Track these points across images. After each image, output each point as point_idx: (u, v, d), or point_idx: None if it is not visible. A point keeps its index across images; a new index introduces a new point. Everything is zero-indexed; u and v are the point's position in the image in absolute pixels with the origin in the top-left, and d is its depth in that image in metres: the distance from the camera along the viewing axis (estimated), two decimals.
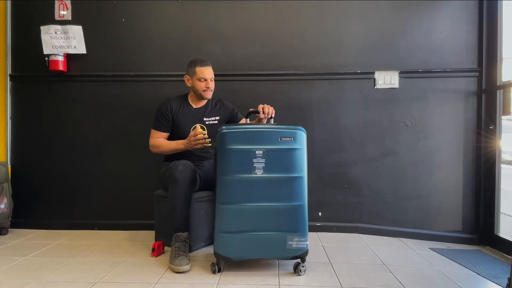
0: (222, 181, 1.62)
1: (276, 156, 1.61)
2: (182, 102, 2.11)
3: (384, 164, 2.36)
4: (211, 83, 2.04)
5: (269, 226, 1.63)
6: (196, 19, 2.43)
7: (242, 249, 1.63)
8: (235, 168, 1.60)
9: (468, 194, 2.27)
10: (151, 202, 2.17)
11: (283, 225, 1.63)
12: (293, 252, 1.64)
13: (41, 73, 2.46)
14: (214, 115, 2.14)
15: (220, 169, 1.62)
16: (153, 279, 1.60)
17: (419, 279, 1.62)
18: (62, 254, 1.94)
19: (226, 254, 1.62)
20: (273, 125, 1.70)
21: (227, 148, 1.59)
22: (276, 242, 1.63)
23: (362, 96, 2.37)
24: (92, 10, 2.45)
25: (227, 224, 1.62)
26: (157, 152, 2.04)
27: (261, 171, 1.60)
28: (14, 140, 2.50)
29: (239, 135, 1.60)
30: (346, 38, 2.38)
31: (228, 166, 1.60)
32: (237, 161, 1.59)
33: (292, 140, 1.62)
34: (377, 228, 2.34)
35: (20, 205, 2.44)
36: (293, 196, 1.63)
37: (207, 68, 2.03)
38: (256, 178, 1.60)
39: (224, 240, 1.62)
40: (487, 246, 2.17)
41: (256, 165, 1.60)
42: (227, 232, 1.62)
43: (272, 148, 1.60)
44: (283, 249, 1.63)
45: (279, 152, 1.61)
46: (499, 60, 2.17)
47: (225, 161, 1.60)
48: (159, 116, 2.05)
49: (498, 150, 2.15)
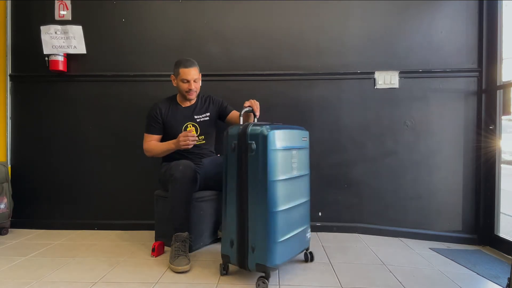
0: (272, 186, 1.48)
1: (301, 155, 1.69)
2: (171, 103, 2.12)
3: (384, 164, 2.36)
4: (194, 84, 2.02)
5: (301, 223, 1.69)
6: (196, 19, 2.43)
7: (286, 253, 1.57)
8: (281, 169, 1.54)
9: (468, 194, 2.27)
10: (151, 202, 2.17)
11: (304, 220, 1.73)
12: (308, 243, 1.78)
13: (41, 73, 2.46)
14: (205, 111, 2.14)
15: (264, 173, 1.48)
16: (153, 279, 1.60)
17: (419, 279, 1.62)
18: (62, 254, 1.94)
19: (274, 263, 1.49)
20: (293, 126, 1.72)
21: (273, 149, 1.49)
22: (302, 236, 1.71)
23: (362, 96, 2.37)
24: (92, 10, 2.45)
25: (281, 231, 1.52)
26: (151, 155, 2.06)
27: (296, 171, 1.64)
28: (14, 140, 2.51)
29: (282, 135, 1.55)
30: (346, 38, 2.38)
31: (276, 168, 1.50)
32: (282, 162, 1.55)
33: (307, 140, 1.75)
34: (377, 228, 2.34)
35: (20, 205, 2.44)
36: (307, 192, 1.76)
37: (190, 69, 2.01)
38: (293, 178, 1.63)
39: (277, 249, 1.49)
40: (487, 246, 2.17)
41: (293, 165, 1.63)
42: (282, 240, 1.52)
43: (299, 148, 1.68)
44: (305, 241, 1.75)
45: (302, 151, 1.71)
46: (499, 60, 2.17)
47: (272, 163, 1.49)
48: (150, 120, 2.07)
49: (498, 150, 2.15)
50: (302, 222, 1.70)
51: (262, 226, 1.48)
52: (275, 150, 1.50)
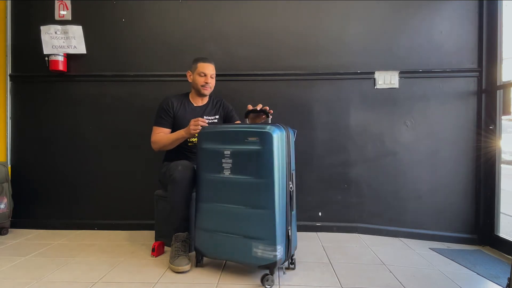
0: (199, 179, 1.71)
1: (243, 158, 1.55)
2: (183, 100, 2.12)
3: (384, 164, 2.35)
4: (210, 80, 2.06)
5: (235, 229, 1.58)
6: (196, 19, 2.43)
7: (214, 248, 1.67)
8: (207, 167, 1.67)
9: (468, 194, 2.27)
10: (151, 202, 2.17)
11: (249, 230, 1.54)
12: (258, 261, 1.52)
13: (41, 73, 2.46)
14: (215, 113, 2.15)
15: (197, 167, 1.73)
16: (153, 279, 1.60)
17: (419, 279, 1.62)
18: (62, 254, 1.94)
19: (203, 250, 1.70)
20: (242, 125, 1.68)
21: (201, 147, 1.68)
22: (242, 247, 1.56)
23: (362, 96, 2.37)
24: (92, 10, 2.45)
25: (202, 221, 1.70)
26: (159, 147, 2.02)
27: (228, 172, 1.60)
28: (14, 140, 2.51)
29: (210, 135, 1.66)
30: (346, 38, 2.38)
31: (202, 165, 1.69)
32: (209, 160, 1.65)
33: (258, 141, 1.50)
34: (377, 228, 2.34)
35: (20, 205, 2.44)
36: (259, 202, 1.52)
37: (209, 64, 2.07)
38: (224, 179, 1.61)
39: (200, 236, 1.70)
40: (487, 246, 2.17)
41: (224, 165, 1.60)
42: (203, 229, 1.69)
43: (239, 149, 1.56)
44: (249, 256, 1.55)
45: (246, 153, 1.53)
46: (499, 60, 2.17)
47: (200, 160, 1.70)
48: (161, 112, 2.05)
49: (498, 150, 2.15)
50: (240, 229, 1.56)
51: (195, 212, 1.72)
52: (203, 149, 1.68)
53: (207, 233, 1.67)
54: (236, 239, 1.58)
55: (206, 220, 1.68)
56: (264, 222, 1.51)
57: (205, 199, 1.68)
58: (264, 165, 1.50)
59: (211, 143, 1.65)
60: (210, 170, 1.65)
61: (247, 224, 1.55)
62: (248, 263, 1.59)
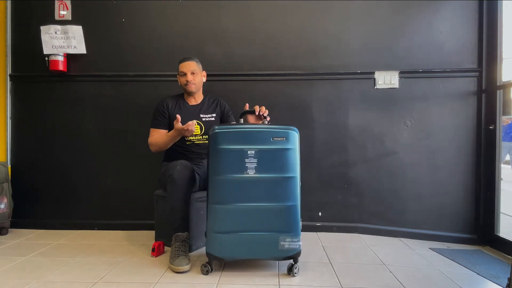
0: (214, 181, 1.62)
1: (269, 156, 1.60)
2: (178, 100, 2.14)
3: (384, 164, 2.35)
4: (191, 77, 2.06)
5: (262, 227, 1.62)
6: (196, 19, 2.43)
7: (235, 250, 1.62)
8: (227, 168, 1.60)
9: (468, 194, 2.27)
10: (151, 202, 2.17)
11: (275, 225, 1.62)
12: (285, 253, 1.63)
13: (41, 73, 2.46)
14: (211, 112, 2.15)
15: (212, 169, 1.62)
16: (153, 279, 1.60)
17: (419, 279, 1.62)
18: (62, 254, 1.94)
19: (219, 254, 1.63)
20: (266, 125, 1.70)
21: (219, 148, 1.60)
22: (269, 243, 1.62)
23: (362, 96, 2.37)
24: (92, 10, 2.45)
25: (220, 224, 1.62)
26: (156, 149, 2.04)
27: (253, 171, 1.60)
28: (14, 140, 2.51)
29: (231, 135, 1.61)
30: (346, 38, 2.38)
31: (220, 166, 1.60)
32: (229, 161, 1.59)
33: (284, 140, 1.61)
34: (377, 228, 2.34)
35: (20, 205, 2.44)
36: (285, 196, 1.62)
37: (187, 62, 2.07)
38: (248, 178, 1.60)
39: (216, 240, 1.62)
40: (487, 246, 2.17)
41: (248, 165, 1.59)
42: (220, 232, 1.62)
43: (264, 148, 1.60)
44: (276, 250, 1.62)
45: (272, 152, 1.60)
46: (499, 60, 2.17)
47: (217, 161, 1.61)
48: (156, 114, 2.09)
49: (498, 150, 2.15)
50: (266, 226, 1.61)
51: (208, 217, 1.63)
52: (221, 149, 1.59)
53: (225, 236, 1.61)
54: (261, 235, 1.61)
55: (225, 222, 1.61)
56: (290, 215, 1.63)
57: (223, 200, 1.61)
58: (290, 162, 1.62)
59: (232, 143, 1.59)
60: (231, 170, 1.59)
61: (273, 219, 1.62)
62: (274, 257, 1.66)
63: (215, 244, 1.62)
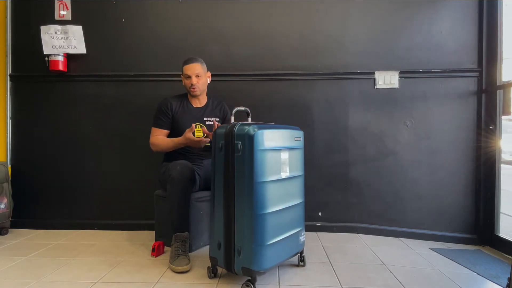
0: (260, 187, 1.44)
1: (293, 156, 1.64)
2: (182, 100, 2.12)
3: (384, 164, 2.35)
4: (196, 80, 2.03)
5: (292, 225, 1.64)
6: (196, 19, 2.43)
7: (275, 256, 1.51)
8: (271, 170, 1.49)
9: (468, 194, 2.27)
10: (151, 202, 2.17)
11: (297, 222, 1.68)
12: (301, 246, 1.72)
13: (41, 73, 2.46)
14: (215, 115, 2.15)
15: (250, 173, 1.43)
16: (153, 279, 1.60)
17: (419, 279, 1.62)
18: (62, 254, 1.94)
19: (261, 267, 1.44)
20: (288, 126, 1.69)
21: (260, 150, 1.44)
22: (294, 240, 1.66)
23: (362, 96, 2.37)
24: (92, 10, 2.45)
25: (269, 234, 1.46)
26: (157, 150, 2.04)
27: (286, 172, 1.59)
28: (14, 140, 2.51)
29: (270, 135, 1.49)
30: (346, 38, 2.38)
31: (265, 169, 1.46)
32: (271, 162, 1.49)
33: (300, 140, 1.70)
34: (377, 228, 2.34)
35: (20, 205, 2.44)
36: (301, 193, 1.72)
37: (191, 65, 2.03)
38: (284, 179, 1.57)
39: (266, 253, 1.45)
40: (487, 246, 2.17)
41: (284, 166, 1.58)
42: (270, 243, 1.47)
43: (291, 148, 1.62)
44: (297, 245, 1.69)
45: (295, 151, 1.65)
46: (499, 60, 2.17)
47: (260, 164, 1.44)
48: (159, 113, 2.06)
49: (498, 150, 2.15)
50: (294, 224, 1.64)
51: (248, 229, 1.43)
52: (262, 151, 1.45)
53: (270, 247, 1.47)
54: (290, 236, 1.61)
55: (273, 231, 1.49)
56: (302, 211, 1.73)
57: (269, 204, 1.47)
58: (302, 160, 1.72)
59: (272, 143, 1.50)
60: (269, 173, 1.48)
61: (296, 217, 1.67)
62: (295, 252, 1.69)
63: (262, 258, 1.43)
